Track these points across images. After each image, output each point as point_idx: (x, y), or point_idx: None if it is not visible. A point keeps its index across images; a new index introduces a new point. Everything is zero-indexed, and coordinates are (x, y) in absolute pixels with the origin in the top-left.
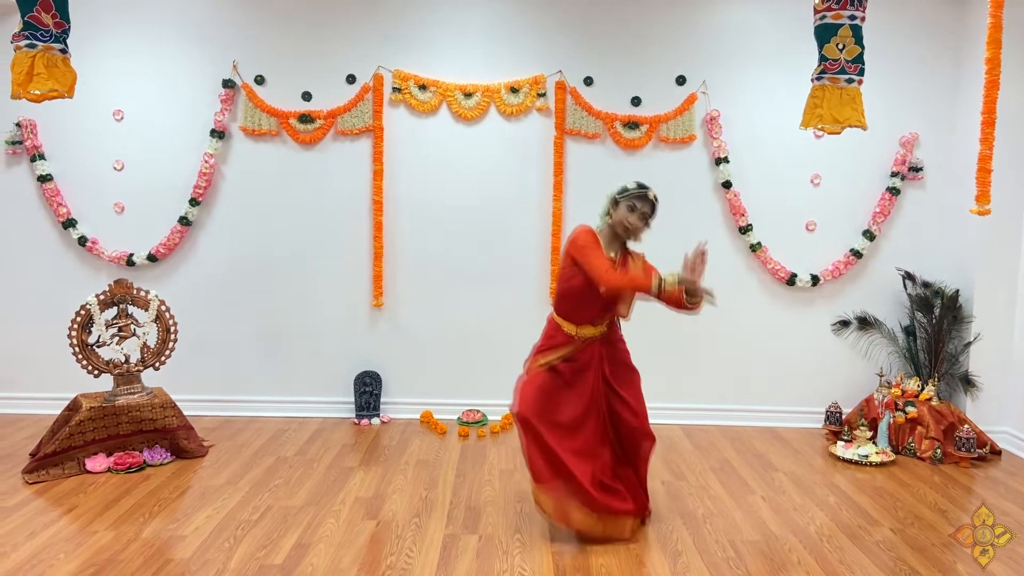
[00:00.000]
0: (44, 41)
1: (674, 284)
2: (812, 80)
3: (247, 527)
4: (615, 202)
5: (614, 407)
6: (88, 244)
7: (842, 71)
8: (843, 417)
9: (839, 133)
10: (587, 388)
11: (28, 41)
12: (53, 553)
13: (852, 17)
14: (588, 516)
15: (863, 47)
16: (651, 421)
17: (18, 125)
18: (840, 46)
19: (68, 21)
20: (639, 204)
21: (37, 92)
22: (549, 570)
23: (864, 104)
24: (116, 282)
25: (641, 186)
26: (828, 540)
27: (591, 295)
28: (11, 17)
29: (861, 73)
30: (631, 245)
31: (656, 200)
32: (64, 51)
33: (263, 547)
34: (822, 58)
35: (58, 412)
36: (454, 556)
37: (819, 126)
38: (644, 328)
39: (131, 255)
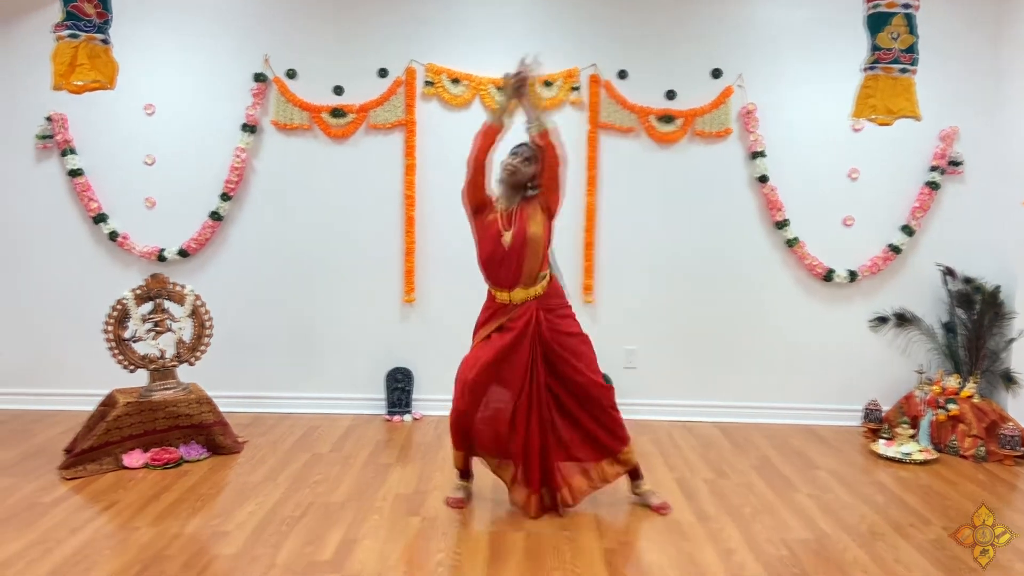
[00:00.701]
0: (87, 31)
1: (501, 102)
2: (863, 70)
3: (291, 523)
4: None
5: (560, 370)
6: (119, 239)
7: (896, 60)
8: (882, 415)
9: (890, 124)
10: (521, 363)
11: (70, 31)
12: (97, 549)
13: (906, 6)
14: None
15: (917, 36)
16: (684, 419)
17: (49, 119)
18: (894, 35)
19: (110, 11)
20: (516, 148)
21: (79, 83)
22: (602, 568)
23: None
24: (152, 276)
25: (522, 142)
26: (882, 539)
27: (499, 251)
28: (48, 8)
29: (915, 63)
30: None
31: (529, 140)
32: (106, 42)
33: (309, 543)
34: (874, 47)
35: (87, 408)
36: (503, 554)
37: (871, 116)
38: (678, 324)
39: (162, 250)
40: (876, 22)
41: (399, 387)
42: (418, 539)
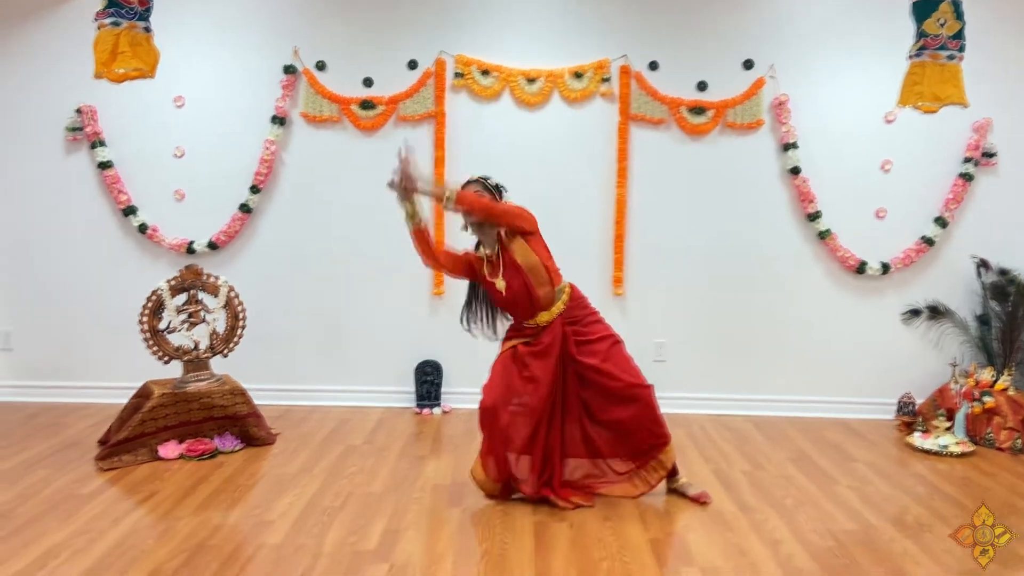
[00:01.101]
0: (128, 19)
1: (404, 208)
2: (909, 57)
3: (332, 513)
4: None
5: (589, 378)
6: (148, 231)
7: (943, 47)
8: (916, 408)
9: (935, 112)
10: (547, 377)
11: (112, 19)
12: (141, 539)
13: None
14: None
15: (964, 22)
16: (715, 412)
17: (78, 111)
18: (941, 22)
19: None
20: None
21: (120, 71)
22: (651, 558)
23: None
24: (187, 268)
25: (465, 181)
26: (929, 530)
27: (506, 297)
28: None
29: (962, 49)
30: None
31: (471, 178)
32: (148, 29)
33: (352, 533)
34: (921, 34)
35: (117, 401)
36: (549, 544)
37: (918, 103)
38: (708, 317)
39: (191, 243)
40: (923, 9)
41: (428, 380)
42: (461, 529)
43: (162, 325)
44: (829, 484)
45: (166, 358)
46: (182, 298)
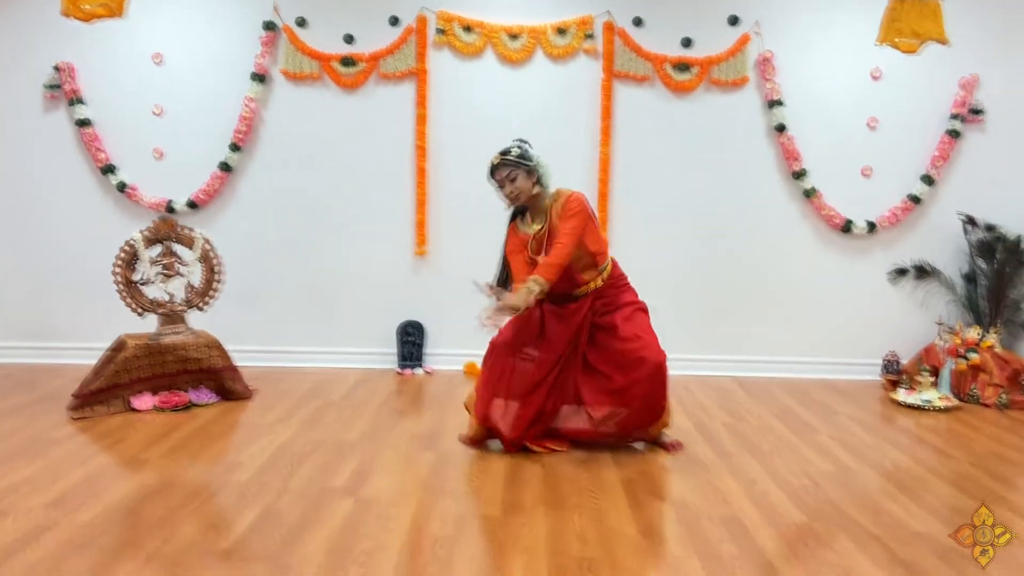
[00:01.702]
0: None
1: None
2: None
3: (303, 456)
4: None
5: (602, 341)
6: (127, 190)
7: None
8: (901, 367)
9: (915, 51)
10: (560, 340)
11: None
12: (106, 477)
13: None
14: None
15: None
16: (700, 373)
17: (56, 69)
18: None
19: None
20: (494, 177)
21: (87, 7)
22: (622, 498)
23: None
24: (160, 219)
25: (491, 166)
26: (908, 473)
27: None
28: None
29: None
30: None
31: (496, 161)
32: None
33: (322, 473)
34: None
35: (94, 361)
36: (519, 482)
37: (897, 40)
38: (693, 276)
39: (171, 202)
40: None
41: (410, 340)
42: (434, 471)
43: (136, 276)
44: (810, 433)
45: (140, 310)
46: (157, 250)
